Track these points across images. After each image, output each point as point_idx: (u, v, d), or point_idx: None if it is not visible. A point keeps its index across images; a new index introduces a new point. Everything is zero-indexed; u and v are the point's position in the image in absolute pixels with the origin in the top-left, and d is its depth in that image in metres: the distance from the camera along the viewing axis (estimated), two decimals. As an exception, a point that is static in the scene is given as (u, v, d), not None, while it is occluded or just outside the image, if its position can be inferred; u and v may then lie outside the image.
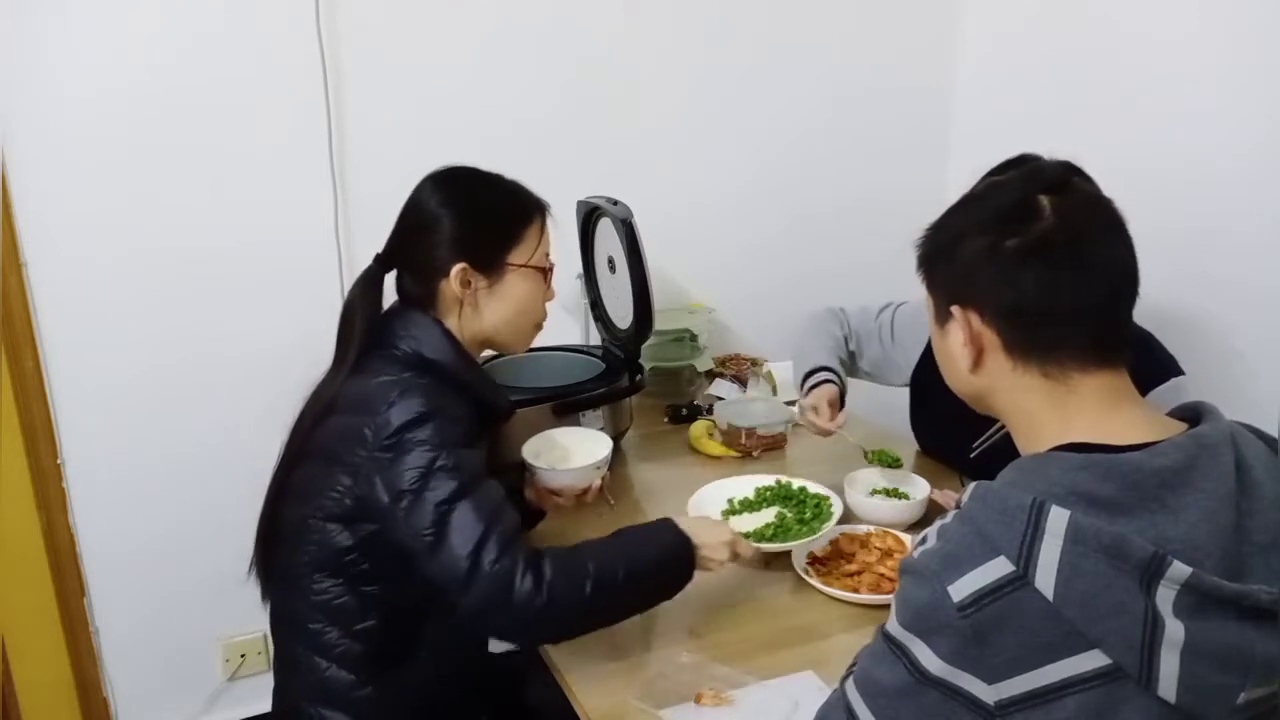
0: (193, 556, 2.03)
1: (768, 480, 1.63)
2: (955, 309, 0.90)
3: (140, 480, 1.97)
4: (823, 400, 1.67)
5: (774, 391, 2.07)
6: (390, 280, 1.40)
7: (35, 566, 1.94)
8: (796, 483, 1.61)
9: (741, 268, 2.43)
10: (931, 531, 0.85)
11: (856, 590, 1.35)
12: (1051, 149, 1.61)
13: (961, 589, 0.77)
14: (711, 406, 1.99)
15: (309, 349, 1.41)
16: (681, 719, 1.13)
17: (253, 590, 1.45)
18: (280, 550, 1.35)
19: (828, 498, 1.56)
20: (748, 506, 1.58)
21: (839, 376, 1.74)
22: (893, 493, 1.62)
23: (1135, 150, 2.02)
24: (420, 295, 1.36)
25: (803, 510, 1.54)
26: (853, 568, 1.41)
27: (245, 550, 1.45)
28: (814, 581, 1.38)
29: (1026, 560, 0.76)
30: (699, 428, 1.92)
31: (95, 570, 1.99)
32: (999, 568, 0.77)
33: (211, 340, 1.97)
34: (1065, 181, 0.89)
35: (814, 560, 1.45)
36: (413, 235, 1.37)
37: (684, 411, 2.02)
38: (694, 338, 2.23)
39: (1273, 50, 1.79)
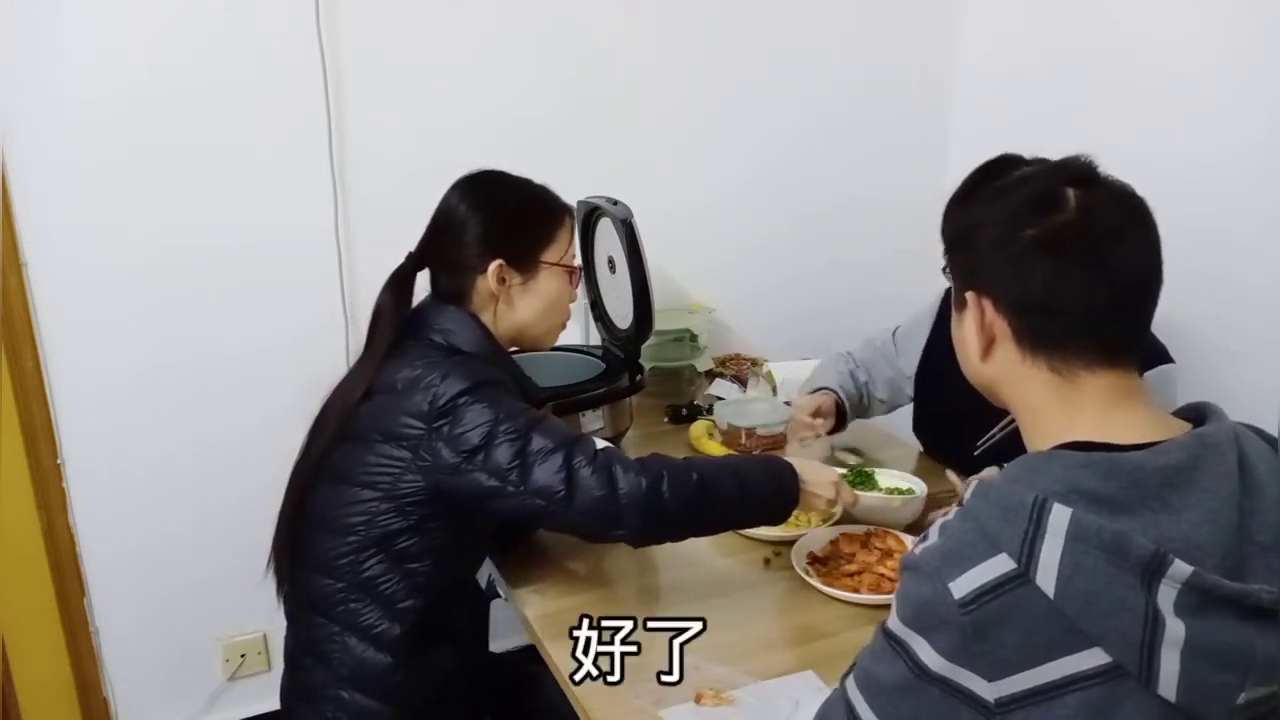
0: (193, 556, 2.03)
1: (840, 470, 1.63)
2: (970, 295, 0.90)
3: (140, 480, 1.97)
4: (812, 401, 1.74)
5: (774, 391, 2.07)
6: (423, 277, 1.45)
7: (35, 566, 1.94)
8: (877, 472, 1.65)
9: (741, 267, 2.43)
10: (933, 528, 0.85)
11: (856, 590, 1.35)
12: (1051, 148, 1.61)
13: (963, 586, 0.77)
14: (711, 406, 1.99)
15: (309, 349, 1.42)
16: (681, 719, 1.14)
17: (253, 590, 1.46)
18: (315, 531, 1.35)
19: (911, 489, 1.59)
20: None
21: (840, 394, 1.79)
22: (895, 490, 1.61)
23: (1134, 149, 2.00)
24: (454, 292, 1.41)
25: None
26: (853, 568, 1.41)
27: (246, 550, 1.45)
28: (814, 581, 1.37)
29: (1028, 558, 0.76)
30: (699, 428, 1.92)
31: (95, 570, 1.99)
32: (1000, 565, 0.77)
33: (211, 340, 1.97)
34: (1094, 175, 0.88)
35: (814, 560, 1.45)
36: (447, 234, 1.42)
37: (684, 411, 2.02)
38: (694, 338, 2.23)
39: (1273, 50, 1.79)
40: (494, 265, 1.38)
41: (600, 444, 1.32)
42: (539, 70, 2.10)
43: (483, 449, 1.24)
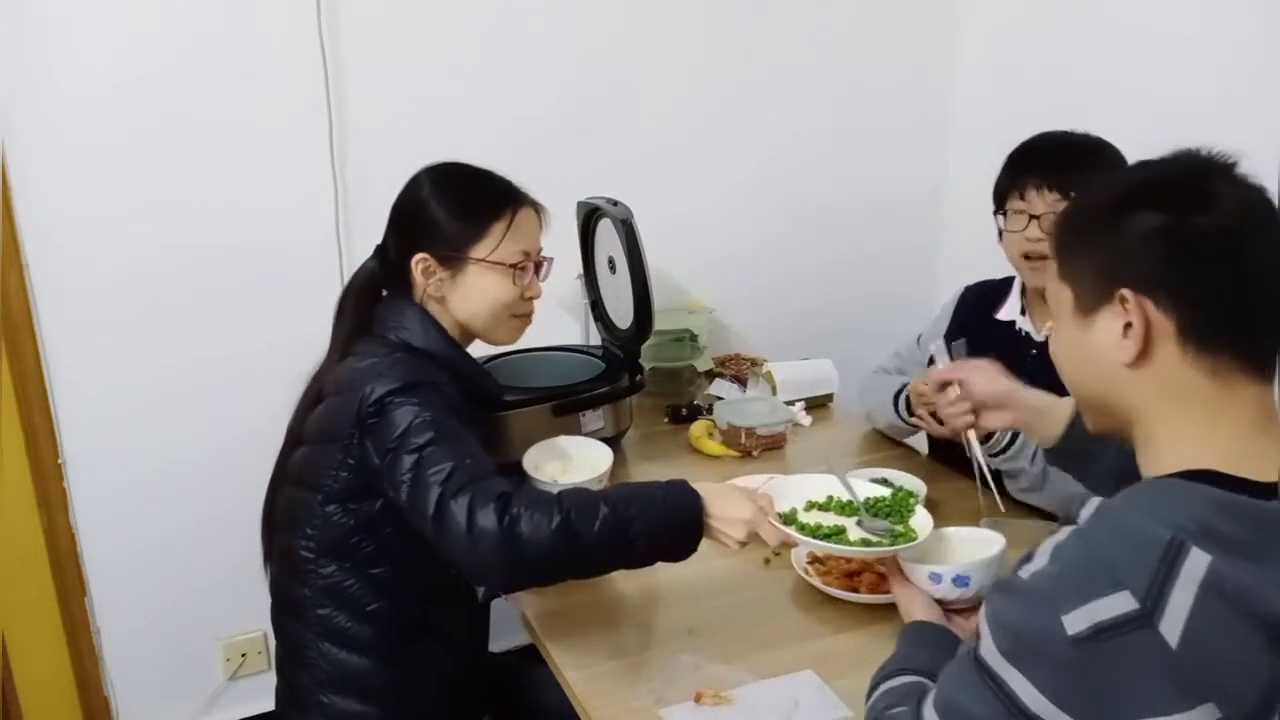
0: (193, 556, 2.03)
1: (883, 491, 1.38)
2: (1126, 293, 0.81)
3: (141, 480, 1.97)
4: (919, 386, 1.59)
5: (774, 391, 2.07)
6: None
7: (36, 566, 1.94)
8: (920, 512, 1.33)
9: (741, 267, 2.43)
10: (1041, 551, 0.79)
11: (856, 590, 1.35)
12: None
13: (1079, 620, 0.72)
14: (711, 406, 1.99)
15: (309, 348, 1.42)
16: (681, 719, 1.13)
17: (253, 590, 1.46)
18: (282, 536, 1.36)
19: (915, 533, 1.28)
20: (842, 509, 1.35)
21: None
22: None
23: (1136, 145, 2.01)
24: (401, 285, 1.40)
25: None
26: (852, 567, 1.40)
27: (246, 550, 1.46)
28: (814, 581, 1.37)
29: (1155, 601, 0.71)
30: (699, 428, 1.92)
31: (96, 570, 1.99)
32: (1122, 603, 0.72)
33: (212, 340, 1.97)
34: (1231, 168, 0.85)
35: (814, 560, 1.44)
36: (394, 226, 1.43)
37: (684, 411, 2.02)
38: (694, 338, 2.23)
39: (1274, 43, 1.79)
40: (416, 259, 1.36)
41: (491, 471, 1.22)
42: (539, 69, 2.10)
43: (391, 453, 1.20)
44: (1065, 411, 1.24)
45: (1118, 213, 0.84)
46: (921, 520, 1.30)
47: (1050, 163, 1.57)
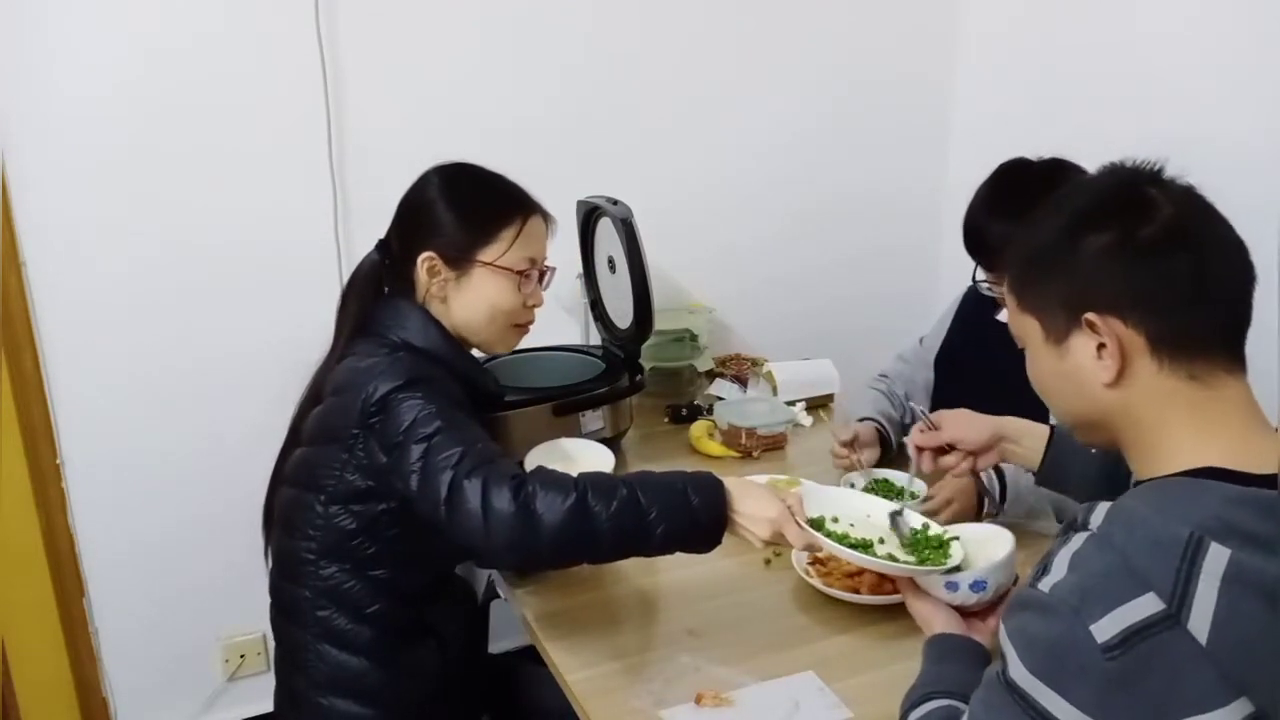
0: (192, 556, 2.03)
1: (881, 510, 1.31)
2: (1092, 317, 0.83)
3: (140, 480, 1.97)
4: (847, 430, 1.69)
5: (774, 391, 2.07)
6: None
7: (35, 567, 1.94)
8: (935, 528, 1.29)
9: (741, 267, 2.42)
10: (1058, 559, 0.78)
11: (857, 590, 1.35)
12: (1053, 141, 1.62)
13: (1107, 627, 0.71)
14: (711, 406, 1.99)
15: (308, 348, 1.42)
16: (681, 719, 1.13)
17: (252, 591, 1.46)
18: (281, 538, 1.36)
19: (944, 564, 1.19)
20: (874, 527, 1.28)
21: (879, 421, 1.76)
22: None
23: (1136, 143, 1.99)
24: (403, 284, 1.39)
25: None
26: (853, 568, 1.40)
27: (246, 550, 1.46)
28: (814, 581, 1.37)
29: (1181, 599, 0.71)
30: (699, 428, 1.92)
31: (95, 570, 1.99)
32: (1148, 605, 0.72)
33: (211, 340, 1.96)
34: (1159, 174, 0.86)
35: (814, 560, 1.44)
36: (400, 223, 1.42)
37: (684, 411, 2.02)
38: (694, 338, 2.23)
39: (1273, 41, 1.79)
40: (423, 256, 1.35)
41: (500, 455, 1.23)
42: (539, 68, 2.10)
43: (398, 446, 1.21)
44: (1041, 434, 1.30)
45: (1067, 239, 0.85)
46: (954, 554, 1.23)
47: (983, 248, 1.59)
